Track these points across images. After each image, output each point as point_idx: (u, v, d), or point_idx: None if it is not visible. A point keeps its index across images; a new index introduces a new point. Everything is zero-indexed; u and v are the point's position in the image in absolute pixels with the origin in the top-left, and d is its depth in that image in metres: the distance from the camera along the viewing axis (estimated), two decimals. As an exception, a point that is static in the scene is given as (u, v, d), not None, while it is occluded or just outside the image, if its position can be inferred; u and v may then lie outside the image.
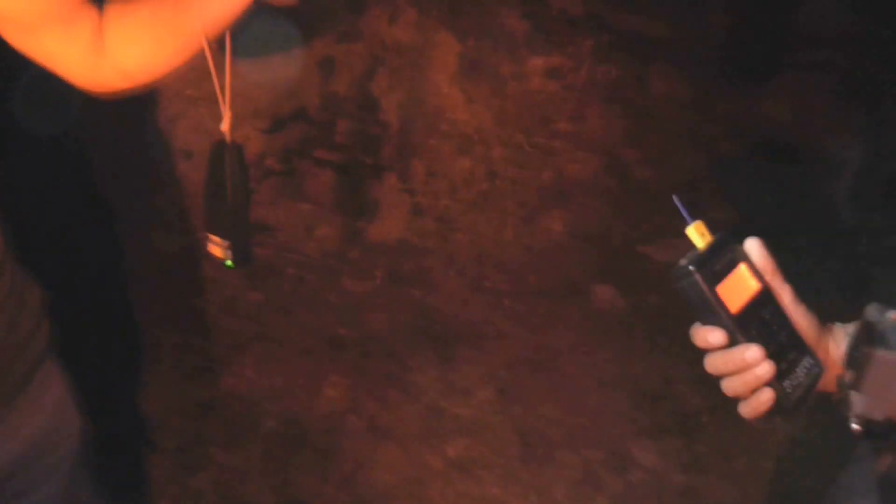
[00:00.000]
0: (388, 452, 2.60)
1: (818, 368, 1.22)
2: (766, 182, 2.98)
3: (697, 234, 1.20)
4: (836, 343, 1.25)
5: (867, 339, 1.12)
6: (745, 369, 1.13)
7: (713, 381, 1.25)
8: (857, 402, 1.07)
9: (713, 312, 1.16)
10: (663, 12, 3.28)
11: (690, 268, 1.16)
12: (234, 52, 1.00)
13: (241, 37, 1.06)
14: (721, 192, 3.09)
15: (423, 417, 2.65)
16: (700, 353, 1.24)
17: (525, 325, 2.79)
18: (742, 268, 1.19)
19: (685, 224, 1.20)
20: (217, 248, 1.05)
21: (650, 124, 3.23)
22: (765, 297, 1.19)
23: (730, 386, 1.20)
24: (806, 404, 1.19)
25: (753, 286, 1.18)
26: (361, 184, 3.09)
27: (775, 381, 1.15)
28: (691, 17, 3.32)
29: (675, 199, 1.20)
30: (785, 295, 1.23)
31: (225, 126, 1.00)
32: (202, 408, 2.68)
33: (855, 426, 1.11)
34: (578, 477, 2.55)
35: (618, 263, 2.99)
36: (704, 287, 1.15)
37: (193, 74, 0.99)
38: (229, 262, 1.07)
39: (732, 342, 1.16)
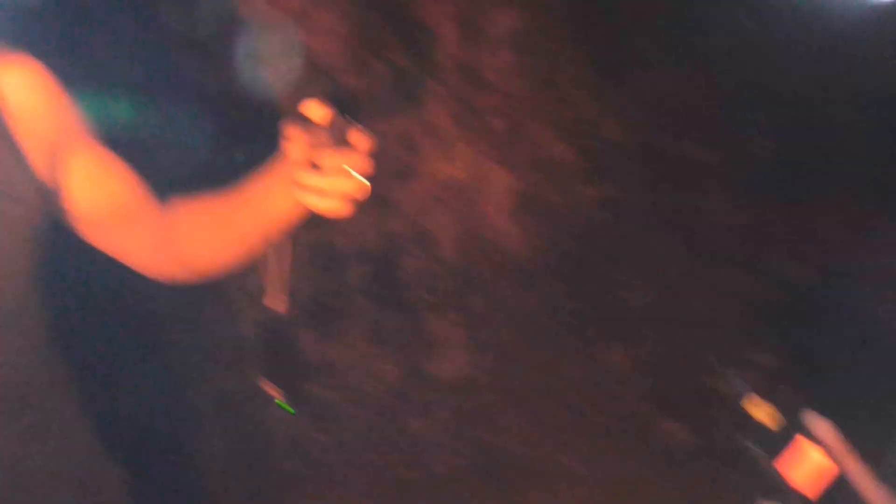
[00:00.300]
0: None
1: None
2: (827, 314, 2.94)
3: (758, 409, 1.15)
4: None
5: None
6: None
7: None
8: None
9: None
10: (708, 137, 3.33)
11: (761, 455, 1.12)
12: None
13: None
14: (776, 328, 3.05)
15: (493, 561, 2.58)
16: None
17: (591, 464, 2.73)
18: (815, 452, 1.14)
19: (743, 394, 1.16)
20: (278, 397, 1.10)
21: (707, 250, 3.23)
22: (842, 482, 1.14)
23: None
24: None
25: (829, 470, 1.13)
26: (422, 320, 3.10)
27: None
28: (737, 140, 3.37)
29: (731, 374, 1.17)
30: (862, 478, 1.17)
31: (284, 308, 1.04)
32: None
33: None
34: None
35: (683, 396, 2.95)
36: (777, 475, 1.11)
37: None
38: (291, 409, 1.10)
39: None
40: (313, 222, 0.99)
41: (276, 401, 1.11)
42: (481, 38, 3.75)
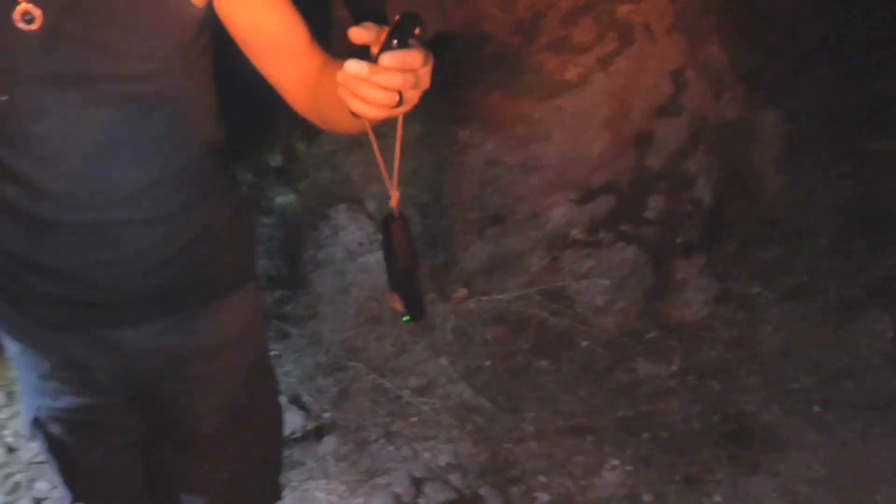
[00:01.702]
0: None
1: None
2: None
3: None
4: None
5: None
6: None
7: None
8: None
9: None
10: None
11: None
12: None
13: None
14: None
15: (706, 521, 2.46)
16: None
17: (833, 439, 2.50)
18: None
19: None
20: (397, 303, 1.13)
21: None
22: None
23: None
24: None
25: None
26: (668, 262, 2.97)
27: None
28: None
29: None
30: None
31: (393, 203, 1.06)
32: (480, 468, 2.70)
33: None
34: None
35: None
36: None
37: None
38: (406, 318, 1.13)
39: None
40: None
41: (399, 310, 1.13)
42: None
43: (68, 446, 1.52)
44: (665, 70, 3.24)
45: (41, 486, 2.53)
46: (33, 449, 2.47)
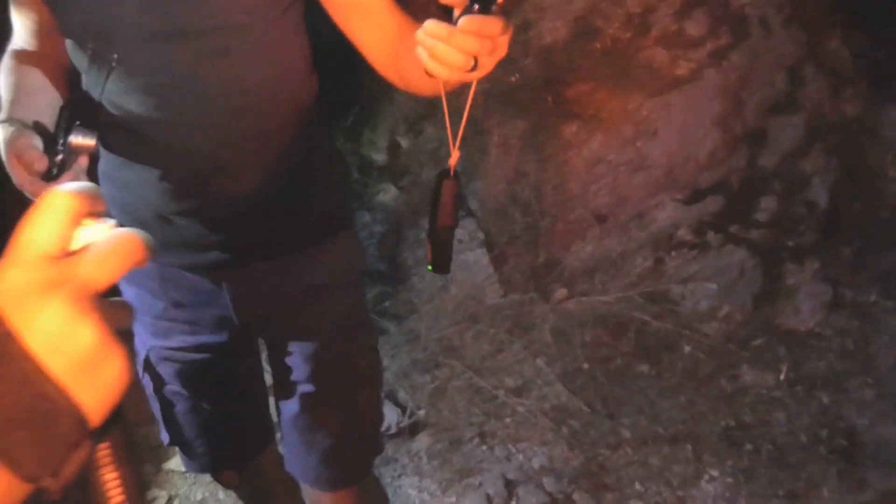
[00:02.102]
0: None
1: None
2: None
3: None
4: None
5: None
6: None
7: None
8: None
9: None
10: None
11: None
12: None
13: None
14: None
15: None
16: None
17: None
18: None
19: None
20: (428, 253, 1.19)
21: None
22: None
23: None
24: None
25: None
26: (778, 267, 2.84)
27: None
28: None
29: None
30: None
31: (452, 161, 1.11)
32: (574, 473, 2.64)
33: None
34: None
35: None
36: None
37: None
38: (430, 267, 1.20)
39: None
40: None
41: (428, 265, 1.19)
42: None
43: (173, 389, 1.62)
44: (782, 65, 3.10)
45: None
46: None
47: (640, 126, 3.20)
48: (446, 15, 1.01)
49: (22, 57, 1.41)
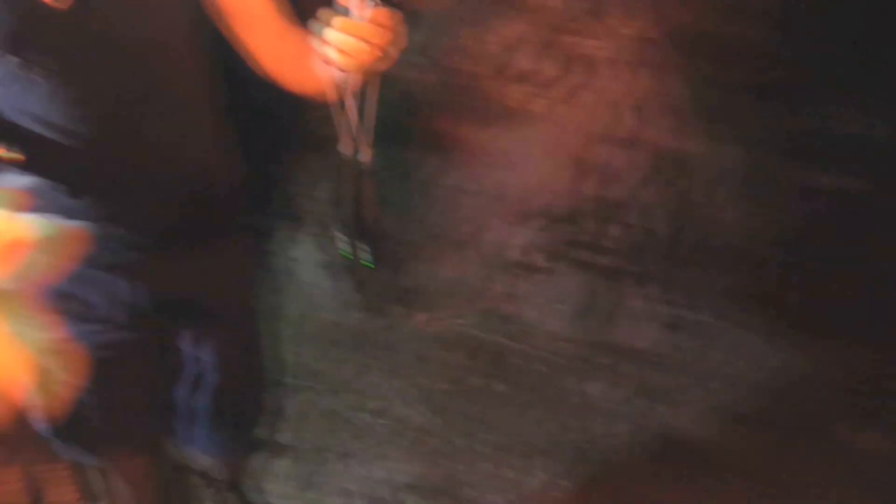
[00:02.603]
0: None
1: None
2: None
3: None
4: None
5: None
6: None
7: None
8: None
9: None
10: None
11: None
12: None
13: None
14: None
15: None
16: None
17: (777, 464, 2.55)
18: None
19: None
20: (358, 250, 1.33)
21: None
22: None
23: None
24: None
25: None
26: (623, 290, 3.03)
27: None
28: None
29: None
30: None
31: (368, 159, 1.23)
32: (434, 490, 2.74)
33: None
34: None
35: (890, 407, 2.69)
36: None
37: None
38: (370, 264, 1.31)
39: None
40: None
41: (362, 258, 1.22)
42: (733, 11, 3.58)
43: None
44: (628, 104, 3.32)
45: None
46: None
47: (498, 158, 3.37)
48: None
49: None
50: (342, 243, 1.25)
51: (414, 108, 3.43)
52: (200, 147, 1.55)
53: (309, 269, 3.30)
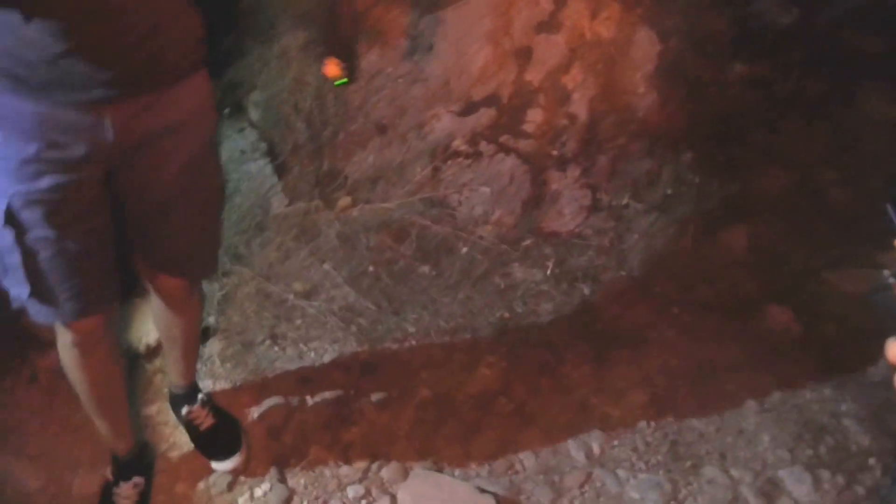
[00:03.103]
0: (533, 438, 2.61)
1: None
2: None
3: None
4: None
5: None
6: None
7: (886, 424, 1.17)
8: None
9: None
10: (874, 26, 3.11)
11: (892, 280, 1.11)
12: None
13: None
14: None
15: (571, 410, 2.63)
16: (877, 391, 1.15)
17: (689, 336, 2.73)
18: None
19: (893, 236, 1.14)
20: (334, 68, 1.38)
21: (853, 145, 3.08)
22: None
23: None
24: None
25: None
26: (544, 174, 3.11)
27: None
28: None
29: (889, 207, 1.14)
30: None
31: None
32: (364, 366, 2.81)
33: None
34: (721, 495, 2.47)
35: (798, 286, 2.88)
36: None
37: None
38: (344, 80, 1.37)
39: None
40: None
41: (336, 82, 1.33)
42: None
43: (37, 235, 1.72)
44: (546, -12, 3.33)
45: None
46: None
47: (416, 41, 3.34)
48: None
49: None
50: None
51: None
52: None
53: (233, 156, 3.25)
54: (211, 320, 2.89)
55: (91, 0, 1.51)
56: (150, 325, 2.77)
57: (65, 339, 1.98)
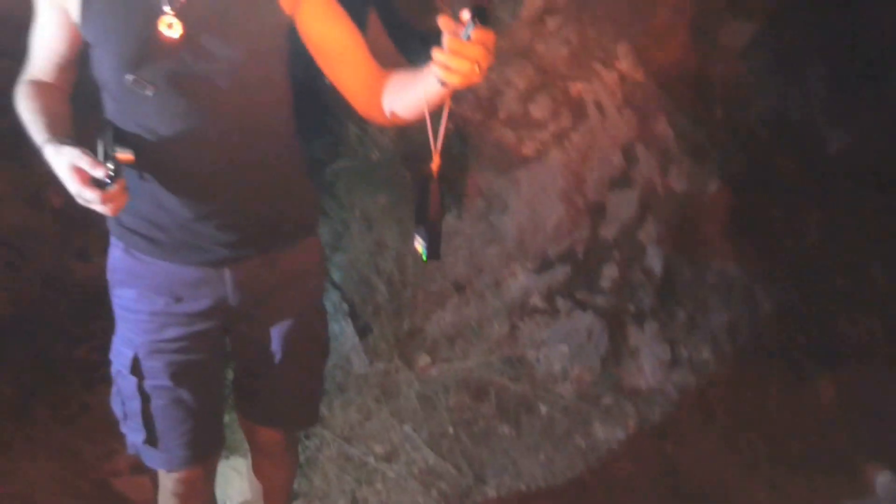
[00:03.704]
0: None
1: None
2: None
3: None
4: None
5: None
6: None
7: None
8: None
9: None
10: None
11: None
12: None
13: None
14: None
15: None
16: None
17: (780, 496, 2.62)
18: None
19: None
20: (419, 245, 1.48)
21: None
22: None
23: None
24: None
25: None
26: (622, 329, 3.10)
27: None
28: None
29: None
30: None
31: (434, 166, 1.43)
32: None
33: None
34: None
35: (894, 442, 2.76)
36: None
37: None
38: (424, 257, 1.47)
39: None
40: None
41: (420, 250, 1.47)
42: (714, 49, 3.68)
43: (154, 384, 1.86)
44: (616, 145, 3.40)
45: None
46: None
47: (492, 201, 3.43)
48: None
49: (42, 87, 1.74)
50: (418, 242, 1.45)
51: (408, 150, 3.51)
52: (281, 158, 1.80)
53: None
54: (293, 485, 2.91)
55: (223, 175, 1.70)
56: (233, 488, 2.82)
57: (166, 486, 2.07)
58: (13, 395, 2.62)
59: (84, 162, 1.48)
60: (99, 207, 1.50)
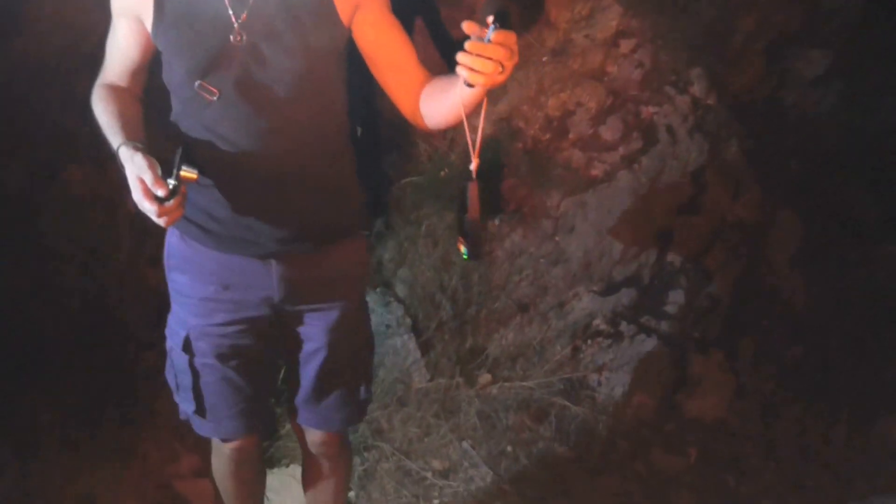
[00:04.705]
0: None
1: None
2: None
3: None
4: None
5: None
6: None
7: None
8: None
9: None
10: None
11: None
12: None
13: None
14: None
15: None
16: None
17: (847, 536, 2.58)
18: None
19: None
20: (462, 245, 1.51)
21: None
22: None
23: None
24: None
25: None
26: (686, 356, 3.07)
27: None
28: None
29: None
30: None
31: (473, 167, 1.49)
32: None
33: None
34: None
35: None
36: None
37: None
38: (465, 256, 1.51)
39: None
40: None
41: (462, 250, 1.50)
42: (786, 75, 3.64)
43: (204, 361, 1.98)
44: (686, 170, 3.38)
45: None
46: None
47: (558, 222, 3.43)
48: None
49: (116, 91, 1.84)
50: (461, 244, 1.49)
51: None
52: (335, 161, 1.87)
53: (379, 329, 3.37)
54: (352, 495, 2.94)
55: (279, 176, 1.78)
56: (291, 496, 2.86)
57: (220, 451, 2.23)
58: (83, 397, 2.68)
59: (148, 176, 1.58)
60: (154, 218, 1.59)
